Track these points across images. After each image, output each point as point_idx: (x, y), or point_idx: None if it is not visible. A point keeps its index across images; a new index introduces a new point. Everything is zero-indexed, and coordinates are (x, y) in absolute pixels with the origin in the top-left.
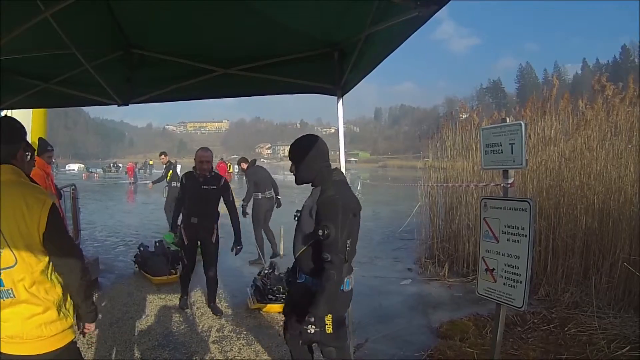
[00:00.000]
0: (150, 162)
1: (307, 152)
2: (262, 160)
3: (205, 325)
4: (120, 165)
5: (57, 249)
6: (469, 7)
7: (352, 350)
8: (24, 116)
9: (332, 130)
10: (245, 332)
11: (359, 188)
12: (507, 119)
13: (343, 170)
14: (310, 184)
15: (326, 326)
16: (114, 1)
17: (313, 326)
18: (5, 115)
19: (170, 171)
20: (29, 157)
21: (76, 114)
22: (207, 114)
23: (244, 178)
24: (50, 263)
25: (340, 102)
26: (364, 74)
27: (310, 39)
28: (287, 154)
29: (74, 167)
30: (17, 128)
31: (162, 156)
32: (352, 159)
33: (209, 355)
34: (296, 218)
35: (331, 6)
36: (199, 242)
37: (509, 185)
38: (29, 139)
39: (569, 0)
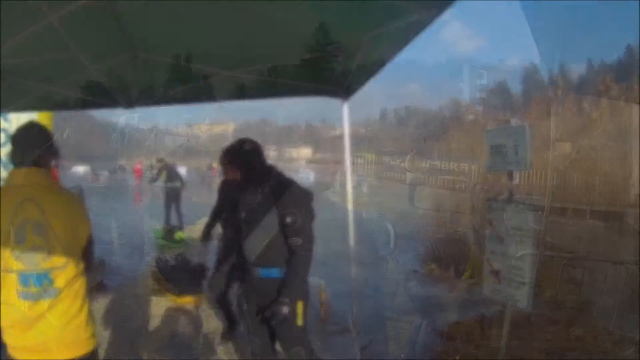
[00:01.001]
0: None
1: (252, 155)
2: None
3: (212, 327)
4: (127, 167)
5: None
6: (473, 8)
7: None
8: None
9: (338, 132)
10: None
11: (364, 190)
12: (512, 121)
13: (348, 171)
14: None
15: (297, 317)
16: (118, 4)
17: (286, 306)
18: (31, 120)
19: (164, 172)
20: (53, 163)
21: (81, 117)
22: (212, 116)
23: None
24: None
25: (346, 104)
26: (368, 76)
27: (314, 42)
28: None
29: (80, 169)
30: (45, 132)
31: (157, 162)
32: (358, 161)
33: (215, 357)
34: (248, 220)
35: (333, 8)
36: None
37: (513, 187)
38: None
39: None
